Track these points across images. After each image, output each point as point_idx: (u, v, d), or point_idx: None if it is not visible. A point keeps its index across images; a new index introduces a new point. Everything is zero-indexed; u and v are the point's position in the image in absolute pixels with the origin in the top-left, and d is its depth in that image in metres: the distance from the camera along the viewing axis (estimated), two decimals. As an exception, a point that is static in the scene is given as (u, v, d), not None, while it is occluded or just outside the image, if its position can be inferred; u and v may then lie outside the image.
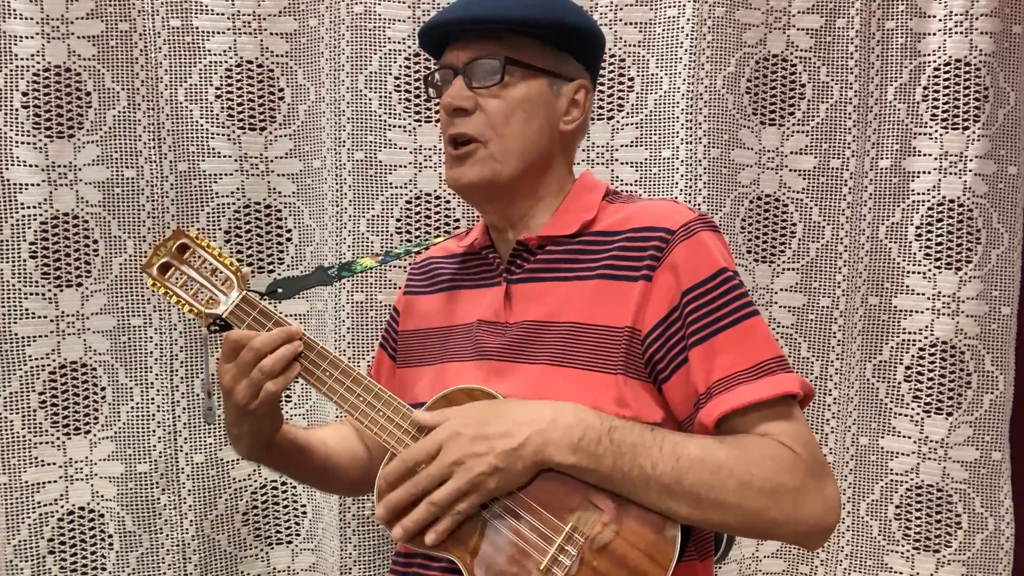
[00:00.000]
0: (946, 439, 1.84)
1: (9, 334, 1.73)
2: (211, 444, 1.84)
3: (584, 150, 1.86)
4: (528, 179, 1.28)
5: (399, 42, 1.82)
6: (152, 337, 1.81)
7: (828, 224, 1.88)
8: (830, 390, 1.90)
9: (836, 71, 1.86)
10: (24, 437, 1.75)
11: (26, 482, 1.75)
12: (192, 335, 1.82)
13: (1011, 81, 1.83)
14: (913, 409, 1.86)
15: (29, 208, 1.73)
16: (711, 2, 1.80)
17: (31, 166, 1.72)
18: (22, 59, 1.70)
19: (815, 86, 1.87)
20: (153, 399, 1.81)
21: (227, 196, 1.82)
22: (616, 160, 1.87)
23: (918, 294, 1.85)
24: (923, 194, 1.84)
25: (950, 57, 1.81)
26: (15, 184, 1.71)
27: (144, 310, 1.81)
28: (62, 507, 1.78)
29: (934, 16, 1.82)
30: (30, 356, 1.74)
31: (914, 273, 1.85)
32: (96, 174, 1.76)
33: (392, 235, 1.84)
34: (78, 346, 1.78)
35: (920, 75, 1.84)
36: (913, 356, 1.86)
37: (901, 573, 1.88)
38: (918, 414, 1.86)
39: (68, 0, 1.71)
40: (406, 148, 1.84)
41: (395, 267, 1.83)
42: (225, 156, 1.81)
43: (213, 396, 1.33)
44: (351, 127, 1.82)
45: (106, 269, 1.79)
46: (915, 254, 1.85)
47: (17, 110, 1.71)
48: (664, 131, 1.84)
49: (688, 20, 1.80)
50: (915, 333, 1.85)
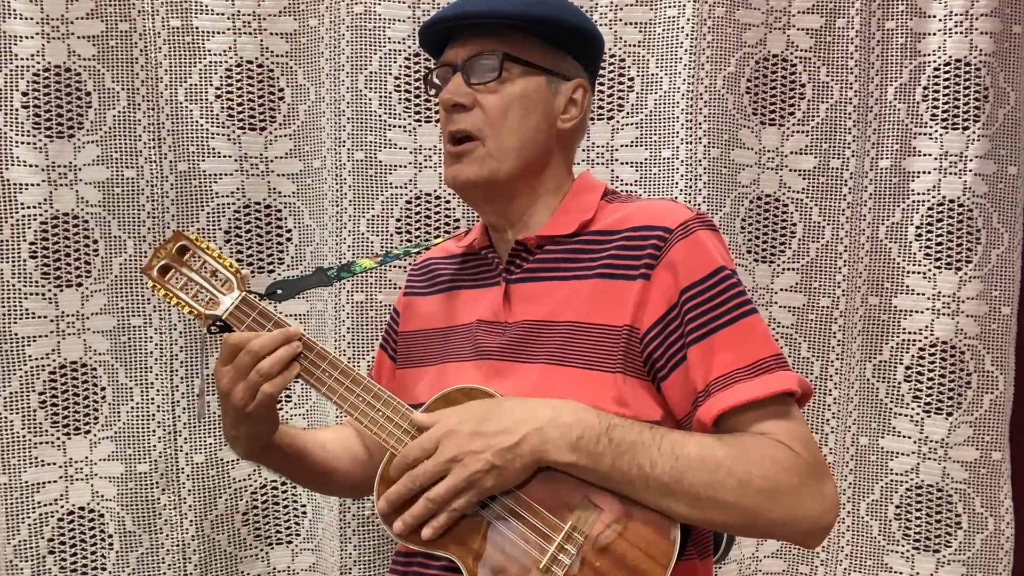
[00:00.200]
0: (946, 439, 1.84)
1: (9, 334, 1.73)
2: (211, 444, 1.84)
3: (584, 150, 1.86)
4: (525, 177, 1.28)
5: (399, 42, 1.82)
6: (152, 337, 1.81)
7: (828, 224, 1.88)
8: (830, 390, 1.90)
9: (836, 71, 1.86)
10: (24, 437, 1.75)
11: (26, 482, 1.75)
12: (192, 335, 1.82)
13: (1011, 81, 1.83)
14: (913, 409, 1.86)
15: (29, 208, 1.73)
16: (711, 2, 1.80)
17: (31, 166, 1.72)
18: (22, 59, 1.70)
19: (815, 86, 1.87)
20: (153, 399, 1.81)
21: (227, 196, 1.83)
22: (616, 160, 1.87)
23: (918, 294, 1.85)
24: (923, 194, 1.84)
25: (950, 57, 1.81)
26: (15, 184, 1.71)
27: (144, 310, 1.81)
28: (62, 507, 1.78)
29: (934, 16, 1.82)
30: (30, 356, 1.74)
31: (914, 273, 1.85)
32: (96, 174, 1.76)
33: (392, 235, 1.84)
34: (78, 346, 1.78)
35: (920, 75, 1.84)
36: (913, 356, 1.86)
37: (901, 573, 1.88)
38: (918, 414, 1.86)
39: (68, 0, 1.71)
40: (406, 148, 1.84)
41: (395, 267, 1.83)
42: (225, 156, 1.81)
43: (205, 396, 1.34)
44: (351, 127, 1.82)
45: (106, 269, 1.79)
46: (915, 254, 1.85)
47: (17, 110, 1.71)
48: (664, 131, 1.84)
49: (688, 20, 1.80)
50: (915, 333, 1.85)
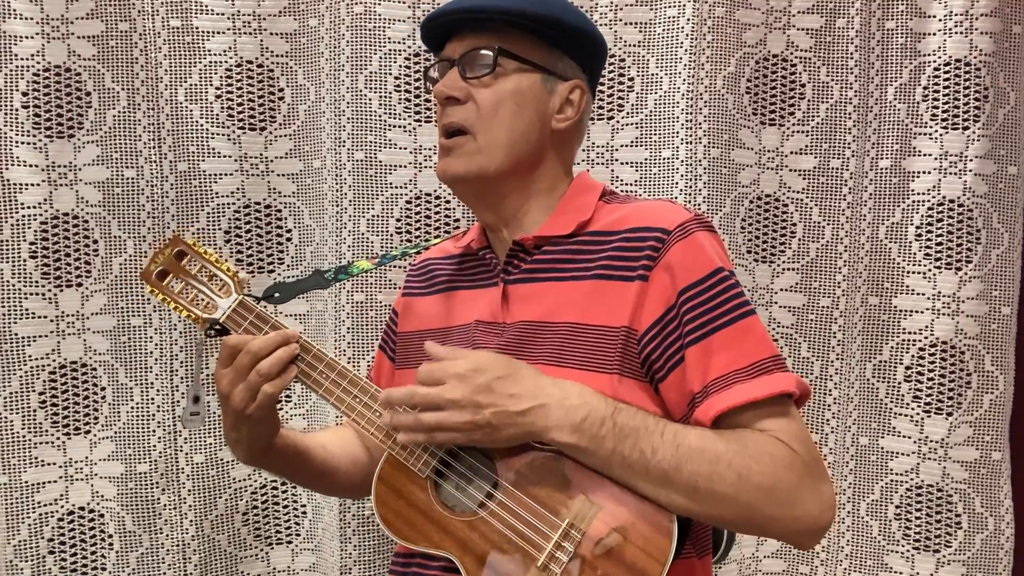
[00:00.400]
0: (946, 439, 1.84)
1: (9, 334, 1.73)
2: (211, 444, 1.85)
3: (584, 150, 1.86)
4: (516, 174, 1.27)
5: (399, 42, 1.82)
6: (152, 337, 1.81)
7: (828, 224, 1.88)
8: (830, 390, 1.89)
9: (836, 71, 1.86)
10: (24, 437, 1.75)
11: (26, 482, 1.75)
12: (192, 335, 1.83)
13: (1011, 81, 1.82)
14: (913, 409, 1.86)
15: (29, 208, 1.73)
16: (711, 2, 1.80)
17: (31, 166, 1.72)
18: (22, 59, 1.70)
19: (815, 86, 1.87)
20: (153, 399, 1.81)
21: (227, 196, 1.83)
22: (616, 160, 1.87)
23: (918, 294, 1.85)
24: (923, 194, 1.84)
25: (950, 57, 1.81)
26: (15, 184, 1.72)
27: (144, 310, 1.81)
28: (62, 507, 1.78)
29: (934, 16, 1.82)
30: (30, 356, 1.75)
31: (914, 273, 1.85)
32: (96, 174, 1.77)
33: (392, 235, 1.84)
34: (78, 346, 1.78)
35: (920, 75, 1.84)
36: (913, 356, 1.86)
37: (901, 573, 1.88)
38: (918, 414, 1.85)
39: (68, 0, 1.71)
40: (406, 148, 1.84)
41: (395, 267, 1.83)
42: (225, 156, 1.82)
43: (201, 401, 1.33)
44: (351, 127, 1.82)
45: (106, 269, 1.79)
46: (915, 254, 1.85)
47: (17, 110, 1.71)
48: (664, 131, 1.83)
49: (688, 20, 1.79)
50: (915, 333, 1.85)
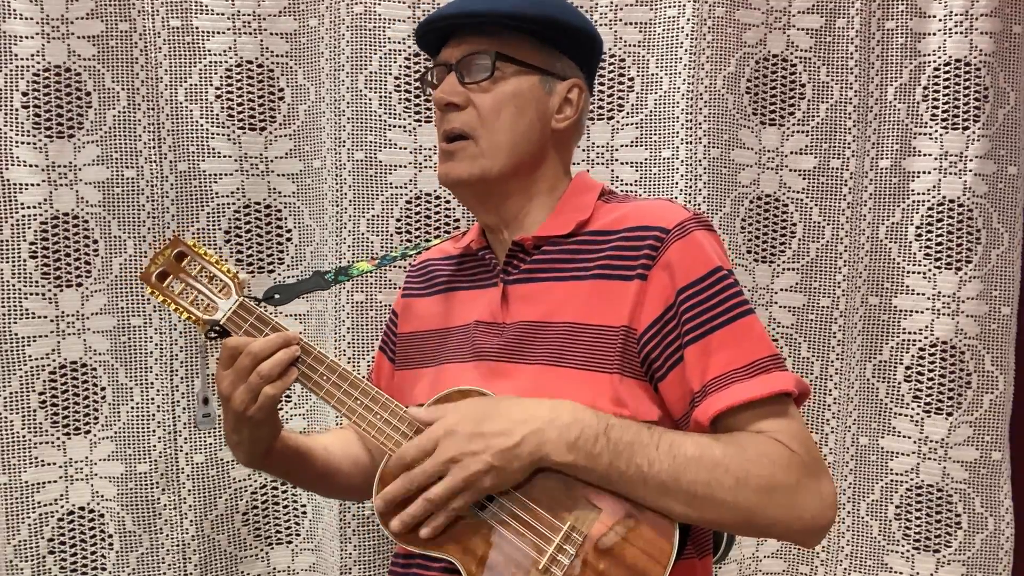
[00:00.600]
0: (946, 439, 1.84)
1: (9, 334, 1.73)
2: (211, 444, 1.84)
3: (584, 150, 1.86)
4: (518, 176, 1.27)
5: (399, 42, 1.82)
6: (152, 337, 1.81)
7: (828, 224, 1.88)
8: (830, 390, 1.89)
9: (836, 71, 1.86)
10: (24, 437, 1.75)
11: (26, 482, 1.75)
12: (192, 335, 1.82)
13: (1011, 81, 1.82)
14: (913, 409, 1.86)
15: (29, 208, 1.73)
16: (711, 2, 1.80)
17: (31, 166, 1.72)
18: (22, 59, 1.70)
19: (815, 86, 1.87)
20: (153, 399, 1.81)
21: (227, 196, 1.83)
22: (616, 160, 1.87)
23: (918, 294, 1.85)
24: (923, 194, 1.84)
25: (950, 57, 1.81)
26: (15, 184, 1.72)
27: (144, 310, 1.81)
28: (62, 507, 1.78)
29: (934, 16, 1.82)
30: (30, 356, 1.74)
31: (914, 273, 1.85)
32: (96, 174, 1.76)
33: (392, 235, 1.84)
34: (78, 346, 1.78)
35: (920, 75, 1.84)
36: (913, 356, 1.86)
37: (901, 573, 1.88)
38: (918, 414, 1.85)
39: (68, 0, 1.71)
40: (406, 148, 1.84)
41: (395, 267, 1.83)
42: (225, 156, 1.81)
43: (211, 402, 1.34)
44: (351, 127, 1.82)
45: (106, 269, 1.79)
46: (915, 254, 1.85)
47: (17, 110, 1.71)
48: (664, 131, 1.83)
49: (688, 20, 1.79)
50: (915, 333, 1.85)
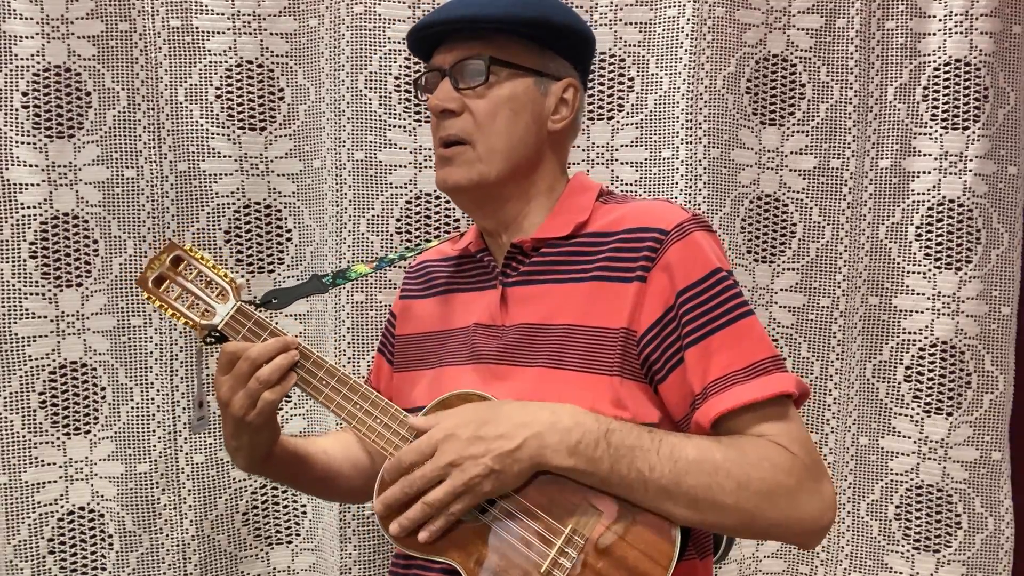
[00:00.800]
0: (946, 439, 1.84)
1: (9, 334, 1.73)
2: (211, 444, 1.84)
3: (584, 150, 1.86)
4: (516, 179, 1.27)
5: (399, 42, 1.82)
6: (152, 337, 1.81)
7: (828, 224, 1.88)
8: (830, 390, 1.90)
9: (836, 71, 1.86)
10: (24, 437, 1.75)
11: (26, 482, 1.75)
12: (192, 335, 1.82)
13: (1011, 81, 1.82)
14: (913, 409, 1.86)
15: (29, 208, 1.73)
16: (711, 2, 1.79)
17: (31, 166, 1.72)
18: (22, 59, 1.70)
19: (815, 86, 1.87)
20: (153, 399, 1.81)
21: (227, 196, 1.82)
22: (616, 160, 1.87)
23: (918, 294, 1.85)
24: (923, 194, 1.84)
25: (950, 57, 1.81)
26: (15, 184, 1.71)
27: (144, 310, 1.81)
28: (62, 507, 1.78)
29: (934, 16, 1.82)
30: (30, 356, 1.74)
31: (914, 273, 1.85)
32: (96, 174, 1.76)
33: (392, 235, 1.84)
34: (78, 346, 1.78)
35: (920, 75, 1.84)
36: (913, 356, 1.86)
37: (901, 573, 1.88)
38: (918, 414, 1.86)
39: (68, 0, 1.71)
40: (406, 148, 1.84)
41: (395, 267, 1.83)
42: (225, 156, 1.81)
43: (205, 406, 1.34)
44: (351, 127, 1.82)
45: (106, 269, 1.79)
46: (915, 254, 1.85)
47: (17, 110, 1.71)
48: (664, 131, 1.83)
49: (688, 20, 1.79)
50: (915, 333, 1.85)
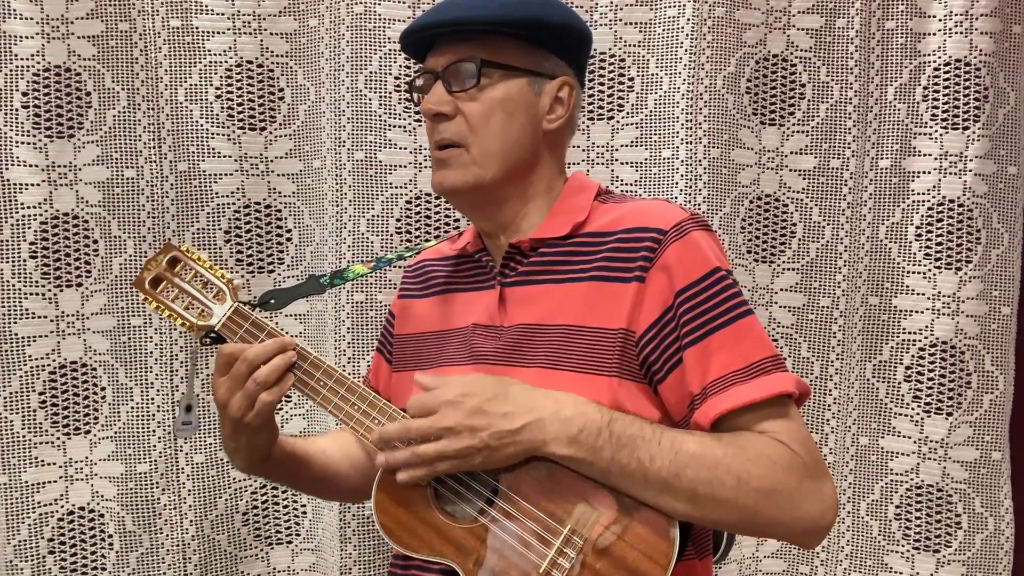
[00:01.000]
0: (946, 439, 1.84)
1: (9, 334, 1.73)
2: (211, 444, 1.84)
3: (584, 150, 1.86)
4: (513, 181, 1.27)
5: (399, 42, 1.81)
6: (152, 337, 1.81)
7: (828, 224, 1.88)
8: (830, 390, 1.90)
9: (836, 71, 1.86)
10: (24, 437, 1.75)
11: (26, 482, 1.75)
12: (191, 336, 1.82)
13: (1011, 81, 1.82)
14: (913, 409, 1.86)
15: (29, 208, 1.73)
16: (711, 2, 1.79)
17: (31, 166, 1.72)
18: (22, 59, 1.70)
19: (815, 86, 1.87)
20: (153, 399, 1.81)
21: (227, 196, 1.83)
22: (616, 160, 1.87)
23: (918, 294, 1.85)
24: (923, 194, 1.84)
25: (950, 57, 1.81)
26: (15, 184, 1.72)
27: (144, 310, 1.81)
28: (62, 507, 1.78)
29: (934, 16, 1.82)
30: (30, 356, 1.74)
31: (914, 273, 1.85)
32: (96, 174, 1.76)
33: (392, 235, 1.84)
34: (78, 346, 1.78)
35: (920, 75, 1.84)
36: (913, 356, 1.86)
37: (901, 573, 1.88)
38: (918, 414, 1.85)
39: (68, 0, 1.71)
40: (406, 148, 1.84)
41: (395, 267, 1.83)
42: (225, 156, 1.81)
43: (193, 410, 1.34)
44: (351, 127, 1.82)
45: (106, 269, 1.79)
46: (915, 254, 1.85)
47: (17, 110, 1.71)
48: (664, 131, 1.83)
49: (688, 20, 1.79)
50: (915, 333, 1.85)
